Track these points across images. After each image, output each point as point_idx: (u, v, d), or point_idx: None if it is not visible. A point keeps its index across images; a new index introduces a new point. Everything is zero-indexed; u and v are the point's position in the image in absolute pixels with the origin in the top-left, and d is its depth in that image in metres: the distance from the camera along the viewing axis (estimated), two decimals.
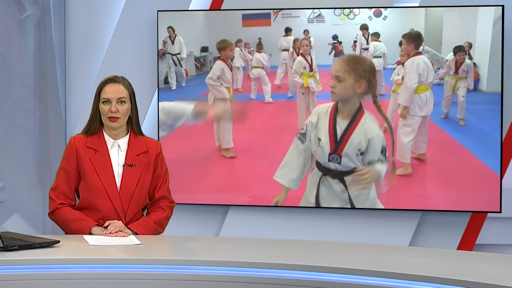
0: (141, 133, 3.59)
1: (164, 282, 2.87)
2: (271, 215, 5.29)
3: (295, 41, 5.22)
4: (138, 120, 3.59)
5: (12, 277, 2.83)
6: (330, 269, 2.81)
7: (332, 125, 4.90)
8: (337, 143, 4.94)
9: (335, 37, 5.16)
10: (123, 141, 3.54)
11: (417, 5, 5.09)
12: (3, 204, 5.18)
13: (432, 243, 5.11)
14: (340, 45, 5.15)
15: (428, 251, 3.39)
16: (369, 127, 4.90)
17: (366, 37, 5.13)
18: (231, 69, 5.30)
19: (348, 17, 5.14)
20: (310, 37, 5.20)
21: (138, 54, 5.41)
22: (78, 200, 3.56)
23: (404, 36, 5.06)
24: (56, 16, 5.41)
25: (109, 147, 3.53)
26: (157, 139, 4.56)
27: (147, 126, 5.27)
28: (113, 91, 3.48)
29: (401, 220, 5.15)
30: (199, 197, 5.32)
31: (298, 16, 5.21)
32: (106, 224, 3.43)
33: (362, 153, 4.92)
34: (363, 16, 5.12)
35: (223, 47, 5.29)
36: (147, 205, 3.63)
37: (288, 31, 5.23)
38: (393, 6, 5.10)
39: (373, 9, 5.10)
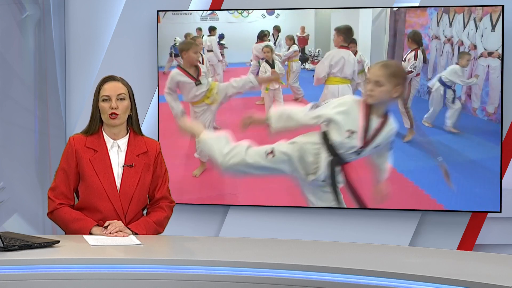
0: (141, 133, 3.60)
1: (164, 282, 2.88)
2: (271, 215, 5.29)
3: (186, 36, 5.23)
4: (138, 120, 3.59)
5: (12, 277, 2.83)
6: (330, 269, 2.81)
7: (367, 121, 4.94)
8: (368, 139, 4.97)
9: (221, 37, 5.20)
10: (123, 142, 3.54)
11: (417, 5, 5.09)
12: (3, 204, 5.17)
13: (432, 243, 5.11)
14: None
15: (428, 251, 3.39)
16: (393, 126, 5.01)
17: (276, 38, 5.17)
18: (197, 74, 5.23)
19: (242, 15, 5.15)
20: (203, 36, 5.20)
21: (138, 54, 5.41)
22: (77, 200, 3.56)
23: (336, 28, 5.15)
24: (56, 16, 5.41)
25: (108, 148, 3.53)
26: (157, 139, 4.56)
27: (147, 126, 5.27)
28: (112, 88, 3.49)
29: (401, 220, 5.15)
30: (199, 197, 5.33)
31: (190, 14, 5.22)
32: (106, 224, 3.43)
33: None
34: (257, 14, 5.17)
35: (186, 48, 5.25)
36: (147, 205, 3.63)
37: (212, 30, 5.23)
38: (393, 6, 5.11)
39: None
